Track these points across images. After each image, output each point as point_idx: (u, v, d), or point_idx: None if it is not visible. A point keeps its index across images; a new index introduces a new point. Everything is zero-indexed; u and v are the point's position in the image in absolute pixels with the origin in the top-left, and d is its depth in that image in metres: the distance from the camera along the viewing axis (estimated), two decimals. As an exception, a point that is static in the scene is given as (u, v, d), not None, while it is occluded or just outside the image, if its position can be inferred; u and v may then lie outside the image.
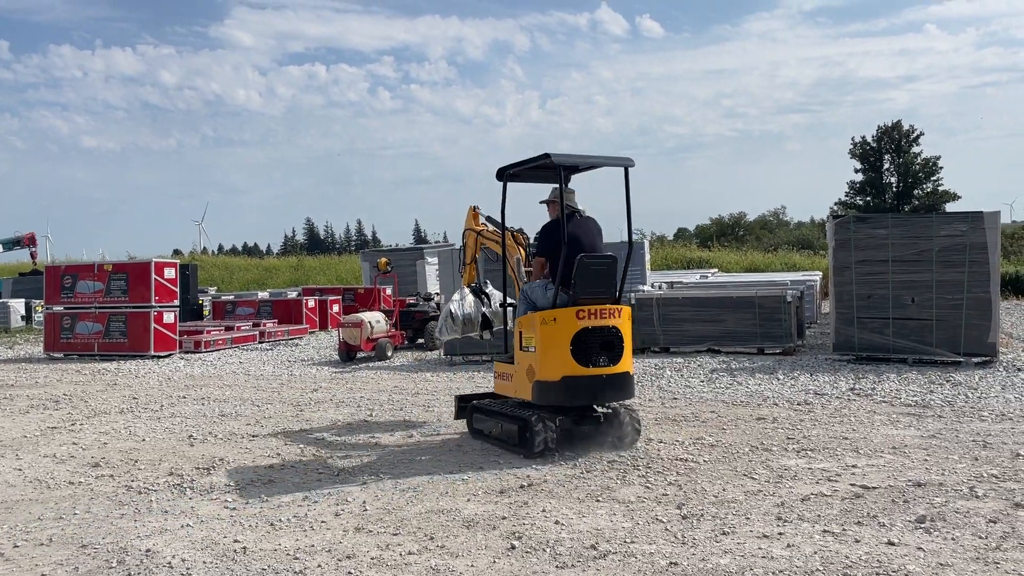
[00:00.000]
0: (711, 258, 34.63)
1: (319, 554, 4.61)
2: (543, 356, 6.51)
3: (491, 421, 7.18)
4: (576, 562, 4.39)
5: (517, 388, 6.88)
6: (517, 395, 6.92)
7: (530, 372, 6.63)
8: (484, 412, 7.33)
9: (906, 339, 11.35)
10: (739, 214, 60.68)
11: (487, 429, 7.23)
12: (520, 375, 6.79)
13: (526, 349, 6.74)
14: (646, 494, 5.58)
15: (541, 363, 6.52)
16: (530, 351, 6.65)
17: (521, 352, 6.80)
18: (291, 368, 13.43)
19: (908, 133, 58.99)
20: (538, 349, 6.53)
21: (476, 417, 7.42)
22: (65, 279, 16.60)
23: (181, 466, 6.75)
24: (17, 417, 9.44)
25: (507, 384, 7.08)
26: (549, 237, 6.96)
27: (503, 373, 7.20)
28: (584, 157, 7.03)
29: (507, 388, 7.10)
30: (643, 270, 17.58)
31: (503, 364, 7.25)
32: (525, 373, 6.70)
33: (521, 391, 6.82)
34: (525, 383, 6.70)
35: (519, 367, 6.81)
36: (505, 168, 7.40)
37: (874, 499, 5.32)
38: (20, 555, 4.75)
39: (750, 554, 4.40)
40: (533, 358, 6.59)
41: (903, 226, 11.56)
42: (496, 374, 7.38)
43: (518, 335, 6.83)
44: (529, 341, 6.67)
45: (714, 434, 7.37)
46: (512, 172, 7.37)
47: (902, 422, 7.71)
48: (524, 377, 6.72)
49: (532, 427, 6.49)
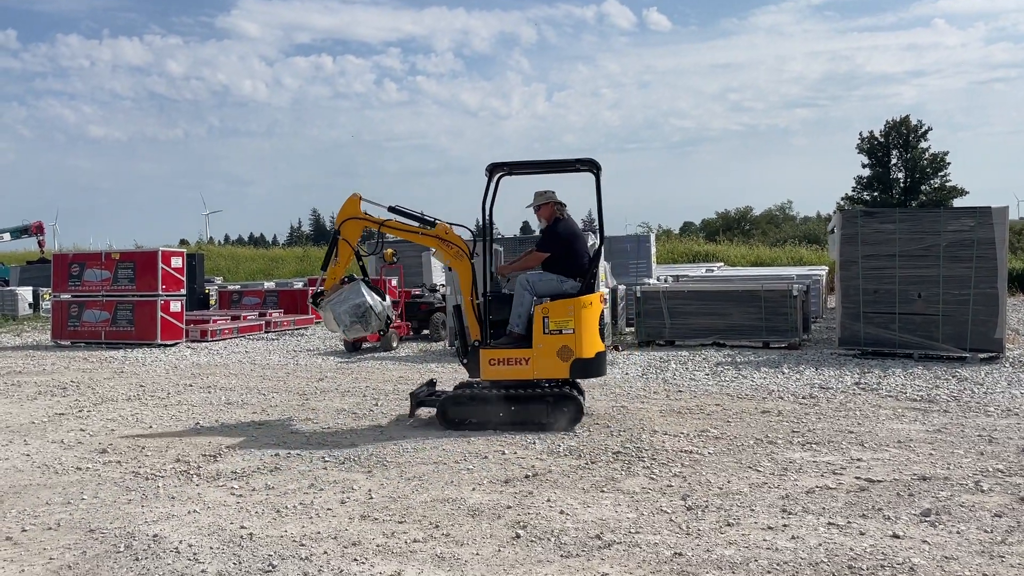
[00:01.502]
0: (717, 252, 34.59)
1: (325, 541, 4.63)
2: (584, 336, 7.30)
3: (493, 407, 7.31)
4: (581, 551, 4.40)
5: (539, 370, 7.32)
6: (538, 376, 7.34)
7: (564, 352, 7.28)
8: (479, 400, 7.39)
9: (912, 334, 11.32)
10: (745, 208, 60.56)
11: (485, 417, 7.33)
12: (545, 357, 7.30)
13: (555, 332, 7.25)
14: (651, 485, 5.59)
15: (583, 342, 7.29)
16: (563, 333, 7.26)
17: (546, 335, 7.27)
18: (297, 357, 13.46)
19: (916, 128, 58.70)
20: (578, 330, 7.28)
21: (458, 409, 7.42)
22: (73, 267, 16.65)
23: (188, 453, 6.78)
24: (25, 403, 9.49)
25: (520, 368, 7.34)
26: (556, 235, 7.58)
27: (509, 358, 7.34)
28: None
29: (520, 372, 7.35)
30: (649, 263, 17.56)
31: (507, 350, 7.37)
32: (556, 354, 7.28)
33: (547, 372, 7.32)
34: (555, 363, 7.29)
35: (543, 350, 7.29)
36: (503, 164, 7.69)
37: (879, 492, 5.33)
38: (28, 539, 4.79)
39: (754, 545, 4.42)
40: (570, 339, 7.27)
41: (910, 221, 11.52)
42: (493, 360, 7.37)
43: (541, 320, 7.28)
44: (562, 324, 7.26)
45: (719, 427, 7.38)
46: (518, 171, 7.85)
47: (907, 416, 7.71)
48: (554, 358, 7.29)
49: (578, 402, 7.34)
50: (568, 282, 7.44)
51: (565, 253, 7.53)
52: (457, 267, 7.74)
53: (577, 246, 7.60)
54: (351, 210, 7.85)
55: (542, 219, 7.80)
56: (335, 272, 7.92)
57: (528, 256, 7.77)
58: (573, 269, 7.49)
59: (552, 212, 7.69)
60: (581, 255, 7.57)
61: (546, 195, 7.75)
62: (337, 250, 7.89)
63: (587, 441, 6.90)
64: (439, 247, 7.76)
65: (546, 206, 7.70)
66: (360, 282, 7.88)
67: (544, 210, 7.73)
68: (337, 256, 7.90)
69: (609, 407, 8.42)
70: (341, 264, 7.92)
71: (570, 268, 7.50)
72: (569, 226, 7.73)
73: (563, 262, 7.51)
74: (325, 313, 7.90)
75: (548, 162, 8.00)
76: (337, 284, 7.89)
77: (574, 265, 7.51)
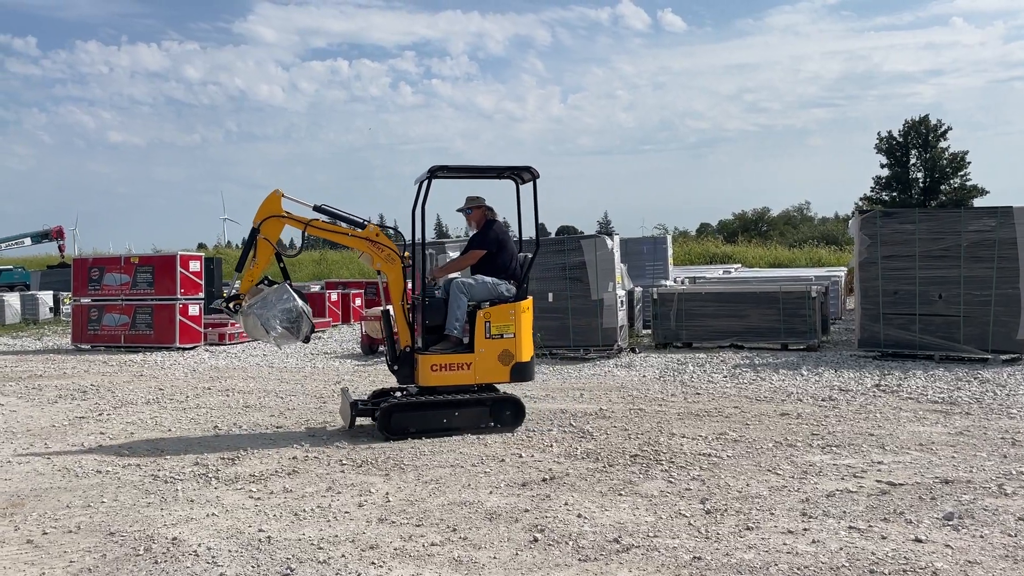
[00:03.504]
0: (735, 253, 34.41)
1: (343, 544, 4.64)
2: (524, 340, 7.48)
3: (439, 413, 7.28)
4: (599, 555, 4.38)
5: (481, 374, 7.40)
6: (479, 381, 7.43)
7: (505, 356, 7.39)
8: (423, 408, 7.29)
9: (933, 336, 11.21)
10: (762, 209, 60.36)
11: (429, 423, 7.25)
12: (487, 361, 7.37)
13: (496, 336, 7.34)
14: (669, 488, 5.56)
15: (522, 346, 7.46)
16: (504, 337, 7.37)
17: (487, 340, 7.34)
18: (314, 361, 13.51)
19: (936, 128, 58.22)
20: (518, 335, 7.43)
21: (401, 417, 7.27)
22: (93, 272, 16.80)
23: (206, 456, 6.81)
24: (46, 407, 9.58)
25: (462, 373, 7.35)
26: (490, 235, 7.67)
27: (451, 364, 7.32)
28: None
29: (462, 377, 7.36)
30: (665, 265, 17.48)
31: (449, 355, 7.33)
32: (497, 359, 7.37)
33: (489, 376, 7.41)
34: (497, 367, 7.39)
35: (484, 354, 7.36)
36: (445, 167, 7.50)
37: (901, 496, 5.27)
38: (49, 542, 4.82)
39: (775, 549, 4.37)
40: (511, 343, 7.40)
41: (930, 221, 11.41)
42: (435, 366, 7.28)
43: (483, 324, 7.33)
44: (503, 328, 7.37)
45: (737, 429, 7.32)
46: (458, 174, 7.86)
47: (929, 419, 7.62)
48: (495, 362, 7.38)
49: (519, 403, 7.50)
50: (503, 284, 7.52)
51: (498, 252, 7.60)
52: (388, 271, 7.51)
53: (510, 247, 7.69)
54: (272, 208, 7.43)
55: (473, 223, 7.90)
56: (253, 274, 7.42)
57: (463, 256, 7.76)
58: (507, 271, 7.59)
59: (483, 216, 7.81)
60: (514, 257, 7.69)
61: (478, 199, 7.86)
62: (255, 250, 7.39)
63: (604, 444, 6.87)
64: (369, 250, 7.48)
65: (478, 210, 7.81)
66: (285, 285, 7.44)
67: (476, 213, 7.83)
68: (256, 257, 7.40)
69: (626, 410, 8.39)
70: (260, 265, 7.43)
71: (503, 269, 7.58)
72: (502, 228, 7.87)
73: (496, 262, 7.57)
74: (247, 319, 7.37)
75: (489, 167, 7.92)
76: (255, 287, 7.41)
77: (508, 267, 7.61)
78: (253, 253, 7.39)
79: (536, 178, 7.68)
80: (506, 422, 7.42)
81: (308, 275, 38.41)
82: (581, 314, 12.66)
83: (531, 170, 7.66)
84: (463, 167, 7.80)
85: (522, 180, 7.84)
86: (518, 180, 7.86)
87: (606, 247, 12.61)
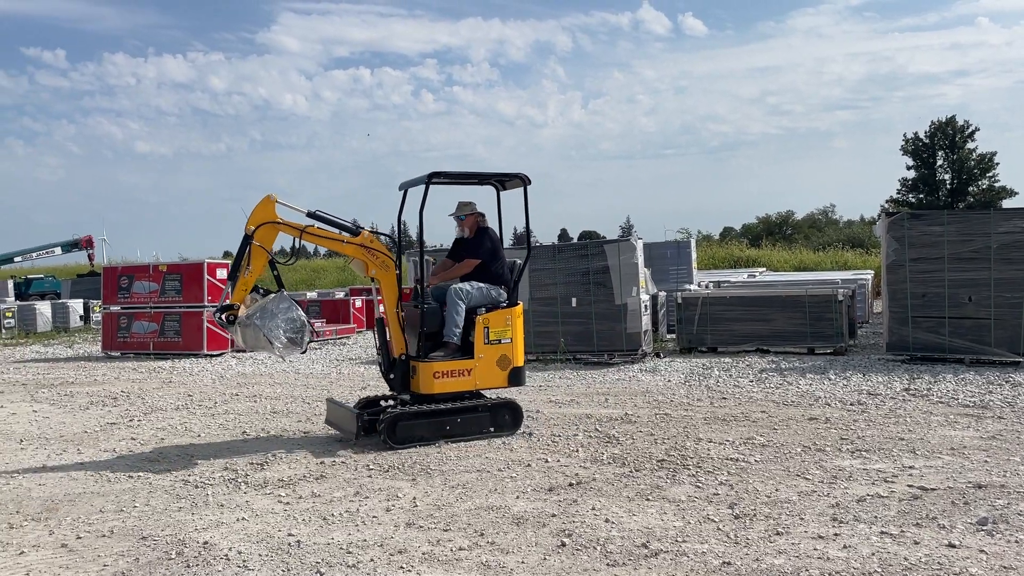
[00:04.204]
0: (759, 257, 34.16)
1: (371, 548, 4.66)
2: (518, 345, 7.58)
3: (442, 420, 7.26)
4: (627, 560, 4.37)
5: (480, 380, 7.44)
6: (480, 387, 7.48)
7: (503, 362, 7.48)
8: (426, 416, 7.24)
9: (963, 339, 11.06)
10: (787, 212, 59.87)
11: (433, 431, 7.21)
12: (486, 367, 7.43)
13: (495, 342, 7.40)
14: (697, 493, 5.53)
15: (517, 351, 7.56)
16: (502, 343, 7.46)
17: (487, 346, 7.40)
18: (339, 367, 13.60)
19: (963, 128, 57.52)
20: (515, 340, 7.54)
21: (405, 425, 7.17)
22: (122, 280, 17.04)
23: (235, 461, 6.88)
24: (78, 413, 9.72)
25: (463, 380, 7.35)
26: (485, 243, 7.74)
27: (452, 371, 7.31)
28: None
29: (462, 384, 7.36)
30: (689, 269, 17.40)
31: (452, 362, 7.31)
32: (496, 364, 7.45)
33: (488, 382, 7.48)
34: (495, 373, 7.46)
35: (484, 360, 7.41)
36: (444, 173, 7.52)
37: (933, 500, 5.20)
38: (83, 546, 4.90)
39: (805, 555, 4.34)
40: (508, 348, 7.50)
41: (960, 223, 11.27)
42: (438, 373, 7.25)
43: (482, 330, 7.37)
44: (500, 334, 7.45)
45: (765, 434, 7.27)
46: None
47: (960, 423, 7.52)
48: (494, 368, 7.45)
49: (517, 407, 7.58)
50: (495, 290, 7.61)
51: (492, 260, 7.68)
52: (382, 278, 7.44)
53: (501, 254, 7.79)
54: (266, 213, 7.20)
55: (465, 228, 7.90)
56: (247, 282, 7.11)
57: (460, 265, 7.73)
58: (500, 277, 7.67)
59: (475, 222, 7.85)
60: (505, 264, 7.80)
61: (470, 205, 7.90)
62: (249, 258, 7.09)
63: (630, 449, 6.85)
64: (364, 256, 7.39)
65: (471, 216, 7.85)
66: (284, 294, 7.19)
67: (469, 220, 7.85)
68: (250, 265, 7.10)
69: (652, 414, 8.36)
70: (255, 273, 7.16)
71: (498, 276, 7.66)
72: (495, 235, 7.89)
73: (490, 269, 7.64)
74: (246, 330, 7.01)
75: (483, 173, 7.91)
76: (249, 297, 7.13)
77: (501, 273, 7.70)
78: (247, 261, 7.09)
79: (527, 184, 7.75)
80: (505, 426, 7.47)
81: (332, 282, 38.65)
82: (605, 319, 12.64)
83: (522, 177, 7.73)
84: (459, 173, 7.77)
85: (503, 187, 7.94)
86: (499, 187, 7.95)
87: (630, 251, 12.58)
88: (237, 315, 7.03)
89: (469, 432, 7.34)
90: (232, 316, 7.02)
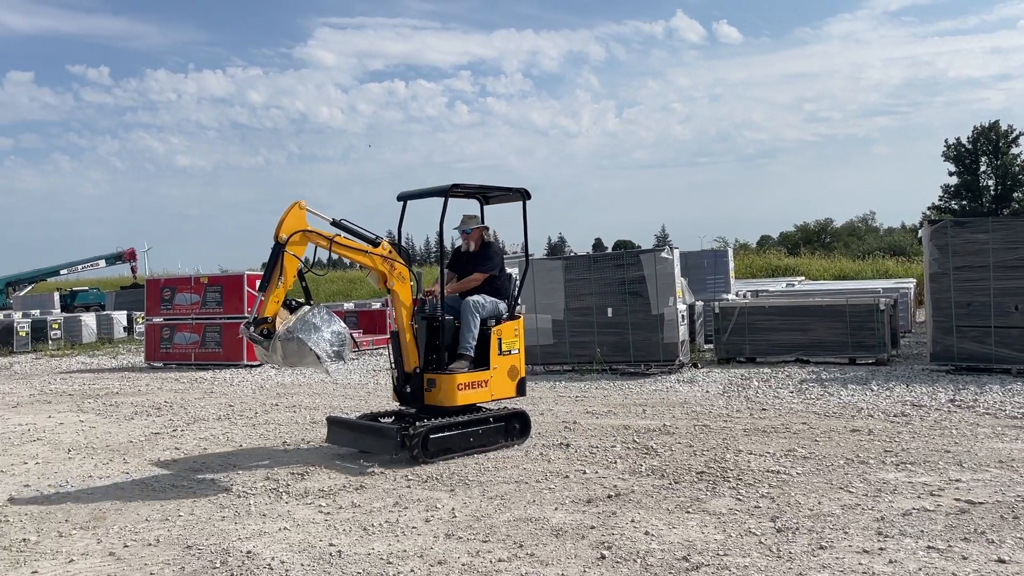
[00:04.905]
0: (798, 265, 33.74)
1: (411, 559, 4.69)
2: (523, 356, 7.83)
3: (467, 433, 7.31)
4: (668, 573, 4.34)
5: (495, 391, 7.57)
6: (495, 397, 7.59)
7: (513, 372, 7.68)
8: (453, 428, 7.23)
9: (1009, 348, 10.81)
10: (825, 220, 59.11)
11: (460, 444, 7.24)
12: (500, 378, 7.58)
13: (506, 353, 7.61)
14: (738, 506, 5.47)
15: (522, 362, 7.82)
16: (512, 354, 7.66)
17: (500, 357, 7.56)
18: (377, 377, 13.69)
19: (1006, 133, 56.36)
20: (521, 351, 7.77)
21: (436, 439, 7.10)
22: (164, 292, 17.38)
23: (277, 471, 6.96)
24: (123, 423, 9.92)
25: (482, 391, 7.46)
26: (493, 256, 7.89)
27: (471, 383, 7.34)
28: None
29: (481, 395, 7.46)
30: (727, 279, 17.28)
31: (473, 373, 7.34)
32: (507, 374, 7.62)
33: (502, 392, 7.61)
34: (507, 383, 7.64)
35: (498, 371, 7.55)
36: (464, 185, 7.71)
37: (981, 515, 5.09)
38: (130, 555, 4.99)
39: (850, 569, 4.27)
40: (516, 359, 7.72)
41: (1005, 230, 11.04)
42: (462, 385, 7.23)
43: (496, 342, 7.53)
44: (511, 345, 7.65)
45: (807, 446, 7.17)
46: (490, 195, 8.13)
47: (1008, 435, 7.35)
48: (506, 378, 7.62)
49: (526, 417, 7.76)
50: (501, 304, 7.74)
51: (500, 274, 7.84)
52: (399, 290, 7.30)
53: (504, 268, 8.00)
54: (298, 222, 6.83)
55: (471, 242, 7.92)
56: (279, 294, 6.66)
57: (469, 279, 7.72)
58: (504, 291, 7.82)
59: (481, 236, 7.93)
60: (509, 277, 8.02)
61: (476, 219, 8.00)
62: (283, 268, 6.67)
63: (669, 460, 6.81)
64: (384, 268, 7.22)
65: (477, 229, 7.92)
66: (323, 306, 6.87)
67: (475, 233, 7.91)
68: (283, 276, 6.66)
69: (690, 426, 8.29)
70: (287, 284, 6.73)
71: (503, 290, 7.80)
72: (499, 249, 8.15)
73: (495, 283, 7.77)
74: (287, 345, 6.46)
75: (498, 188, 8.05)
76: (282, 309, 6.69)
77: (506, 287, 7.86)
78: (279, 271, 6.66)
79: (527, 199, 7.92)
80: (516, 436, 7.62)
81: (369, 293, 38.92)
82: (641, 329, 12.58)
83: (522, 191, 7.92)
84: (478, 186, 7.90)
85: (486, 200, 8.14)
86: (482, 200, 8.13)
87: (666, 261, 12.52)
88: (271, 328, 6.57)
89: (488, 443, 7.40)
90: (266, 330, 6.55)
